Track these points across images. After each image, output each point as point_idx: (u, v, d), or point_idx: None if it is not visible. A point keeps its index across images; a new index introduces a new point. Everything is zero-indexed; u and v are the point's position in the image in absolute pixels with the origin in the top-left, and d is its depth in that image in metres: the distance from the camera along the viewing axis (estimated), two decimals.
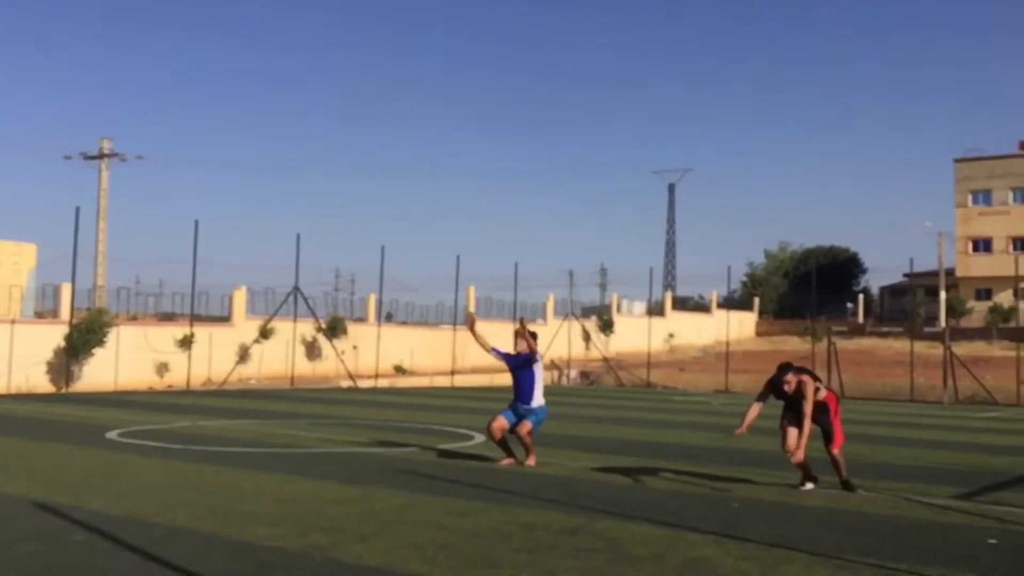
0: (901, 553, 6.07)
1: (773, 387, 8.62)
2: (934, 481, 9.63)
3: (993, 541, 6.55)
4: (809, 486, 8.69)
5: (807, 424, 8.32)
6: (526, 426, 9.93)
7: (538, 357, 10.09)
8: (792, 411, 8.62)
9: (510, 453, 10.11)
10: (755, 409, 8.73)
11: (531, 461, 10.03)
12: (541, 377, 10.09)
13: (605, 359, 41.22)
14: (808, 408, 8.31)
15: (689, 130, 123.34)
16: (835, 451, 8.58)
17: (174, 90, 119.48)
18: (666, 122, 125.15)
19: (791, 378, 8.47)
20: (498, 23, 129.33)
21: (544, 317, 45.54)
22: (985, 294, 57.71)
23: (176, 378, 29.09)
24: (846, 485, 8.60)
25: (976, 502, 8.34)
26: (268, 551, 5.75)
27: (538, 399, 10.02)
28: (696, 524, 6.83)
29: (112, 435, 12.72)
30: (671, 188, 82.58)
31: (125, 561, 5.45)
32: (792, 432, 8.54)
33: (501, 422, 9.99)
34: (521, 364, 10.08)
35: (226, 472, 9.17)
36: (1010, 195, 59.55)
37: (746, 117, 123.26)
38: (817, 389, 8.52)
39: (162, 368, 29.70)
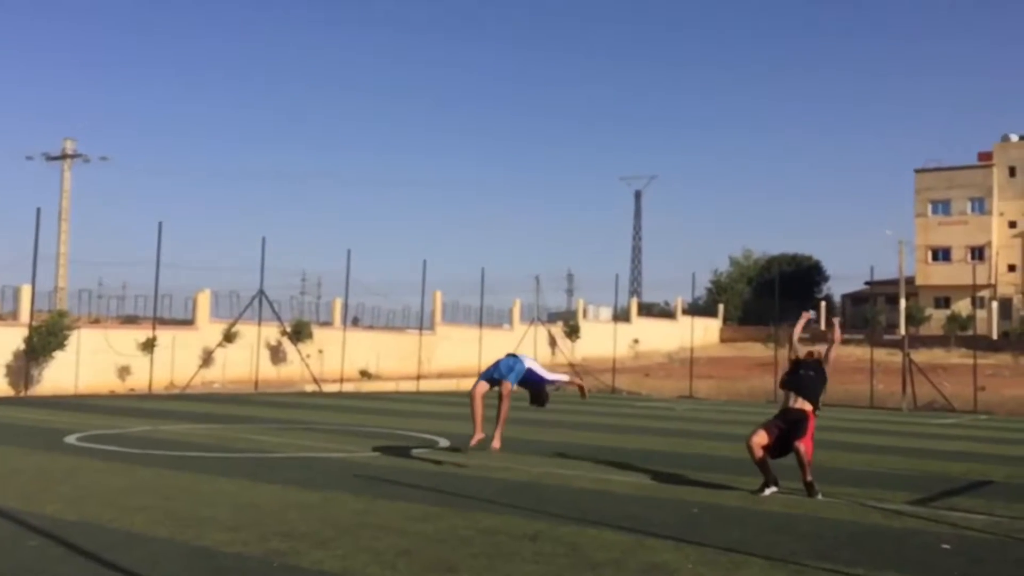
0: (857, 558, 6.16)
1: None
2: (890, 487, 9.77)
3: (947, 546, 6.66)
4: (769, 491, 8.79)
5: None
6: (506, 386, 10.27)
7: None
8: (782, 421, 8.95)
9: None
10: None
11: (496, 443, 10.26)
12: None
13: (571, 365, 41.32)
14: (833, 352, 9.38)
15: (655, 137, 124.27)
16: (801, 448, 8.68)
17: (139, 91, 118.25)
18: (633, 129, 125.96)
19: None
20: (464, 29, 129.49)
21: (511, 322, 45.60)
22: (944, 302, 58.67)
23: (138, 382, 28.73)
24: (809, 488, 8.69)
25: (931, 507, 8.47)
26: (226, 557, 5.71)
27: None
28: (656, 529, 6.88)
29: (71, 439, 12.55)
30: (637, 195, 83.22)
31: (79, 567, 5.39)
32: (762, 435, 8.73)
33: (483, 386, 10.43)
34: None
35: (185, 477, 9.09)
36: (968, 205, 60.64)
37: (711, 125, 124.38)
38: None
39: (124, 371, 29.31)
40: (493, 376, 10.46)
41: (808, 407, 9.01)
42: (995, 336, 51.94)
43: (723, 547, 6.30)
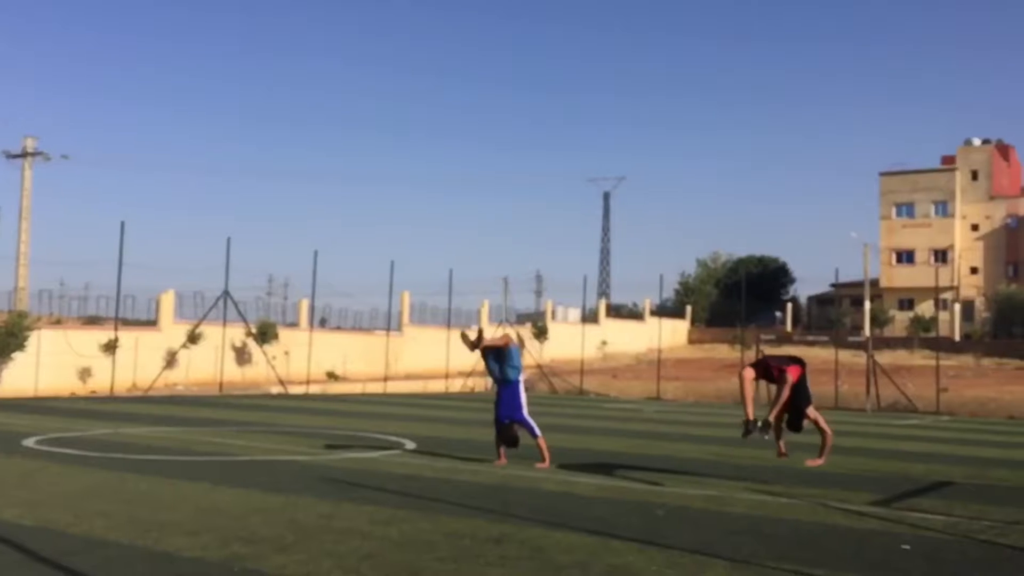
0: (819, 559, 6.21)
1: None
2: (853, 488, 9.86)
3: (907, 547, 6.73)
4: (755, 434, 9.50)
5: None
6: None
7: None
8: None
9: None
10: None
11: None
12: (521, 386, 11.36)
13: (539, 366, 41.35)
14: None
15: (624, 139, 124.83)
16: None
17: (101, 88, 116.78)
18: (601, 130, 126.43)
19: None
20: (433, 29, 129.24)
21: (479, 323, 45.51)
22: (907, 304, 59.45)
23: (100, 384, 28.34)
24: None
25: (892, 508, 8.56)
26: (187, 562, 5.63)
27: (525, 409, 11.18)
28: (621, 531, 6.89)
29: (29, 442, 12.34)
30: (606, 196, 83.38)
31: (37, 573, 5.30)
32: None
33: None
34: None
35: (146, 481, 8.96)
36: (932, 208, 61.50)
37: (679, 127, 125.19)
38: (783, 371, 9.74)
39: (85, 373, 28.91)
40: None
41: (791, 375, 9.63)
42: (957, 338, 52.72)
43: (688, 549, 6.32)
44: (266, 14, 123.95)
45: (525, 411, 10.98)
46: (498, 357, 11.17)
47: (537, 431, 10.96)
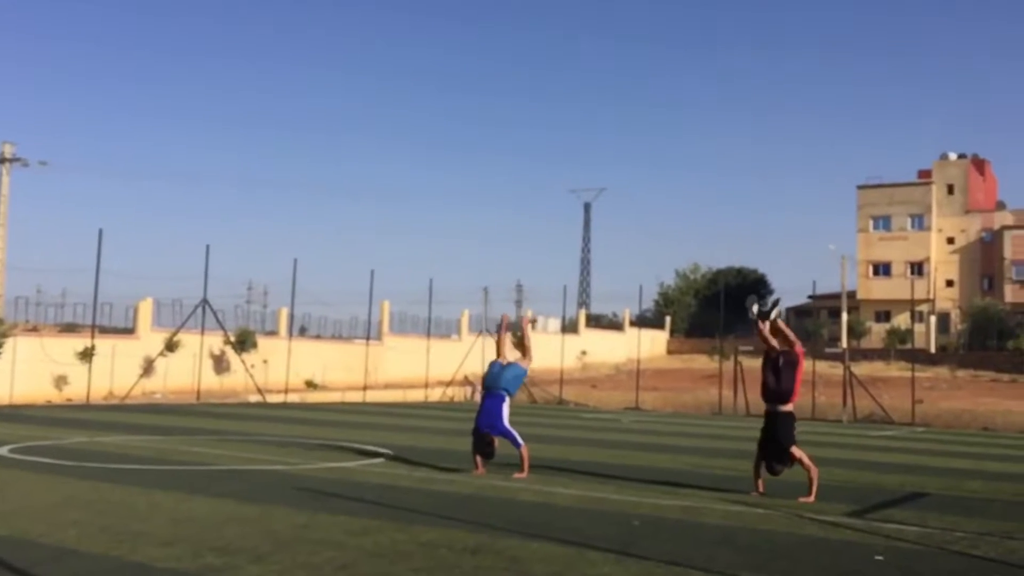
0: (792, 570, 6.25)
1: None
2: (829, 499, 9.91)
3: (880, 557, 6.78)
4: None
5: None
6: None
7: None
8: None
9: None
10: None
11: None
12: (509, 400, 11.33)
13: None
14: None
15: (605, 150, 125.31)
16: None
17: (81, 94, 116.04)
18: (582, 141, 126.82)
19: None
20: (412, 38, 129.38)
21: (459, 333, 45.51)
22: (884, 316, 59.90)
23: (76, 391, 28.08)
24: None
25: (866, 519, 8.62)
26: (159, 572, 5.60)
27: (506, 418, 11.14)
28: (598, 542, 6.90)
29: (3, 451, 12.22)
30: (587, 207, 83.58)
31: None
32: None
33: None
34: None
35: (121, 490, 8.89)
36: (908, 221, 62.06)
37: (660, 139, 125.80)
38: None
39: (61, 381, 28.65)
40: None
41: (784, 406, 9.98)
42: (933, 350, 53.13)
43: (663, 560, 6.33)
44: (246, 22, 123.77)
45: (506, 421, 10.98)
46: (508, 362, 11.37)
47: (519, 440, 10.97)
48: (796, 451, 9.72)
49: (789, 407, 9.91)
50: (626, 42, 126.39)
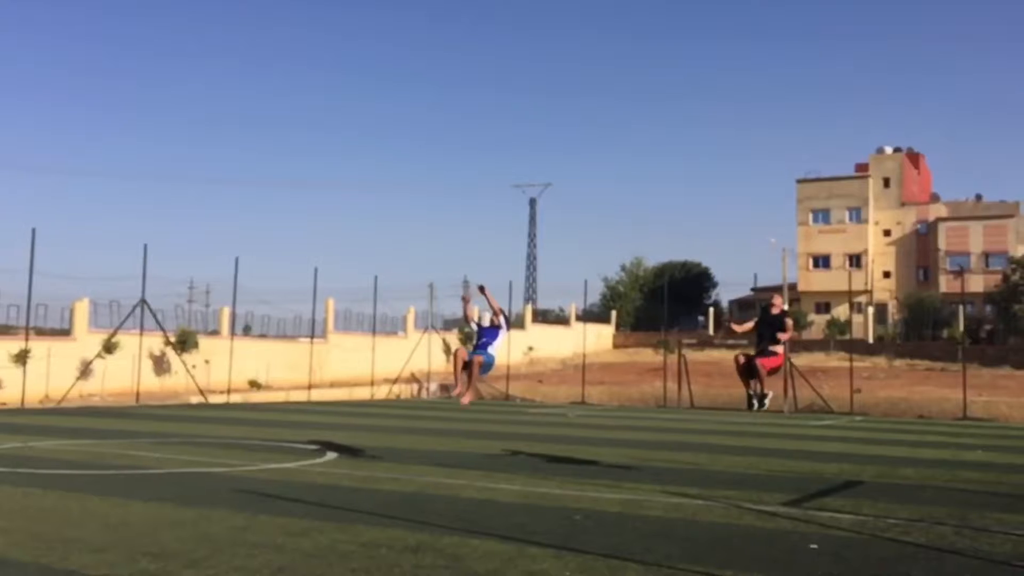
0: (729, 560, 6.34)
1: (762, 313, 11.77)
2: (767, 488, 10.09)
3: (814, 546, 6.91)
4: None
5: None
6: (478, 358, 11.60)
7: (504, 325, 12.19)
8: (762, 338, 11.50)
9: (467, 384, 11.60)
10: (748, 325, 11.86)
11: (466, 399, 11.52)
12: (503, 339, 12.10)
13: None
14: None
15: (549, 145, 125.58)
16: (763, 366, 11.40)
17: (11, 90, 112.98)
18: (527, 136, 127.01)
19: (778, 301, 12.02)
20: (353, 30, 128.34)
21: (405, 330, 45.31)
22: (824, 308, 61.02)
23: (10, 395, 27.35)
24: (760, 398, 11.63)
25: (803, 508, 8.79)
26: None
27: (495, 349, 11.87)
28: (538, 538, 6.93)
29: None
30: (532, 202, 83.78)
31: None
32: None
33: (463, 352, 11.88)
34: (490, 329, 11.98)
35: (53, 496, 8.69)
36: (846, 214, 63.34)
37: (604, 134, 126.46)
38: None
39: None
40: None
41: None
42: (871, 340, 54.33)
43: (602, 553, 6.39)
44: (180, 16, 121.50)
45: (494, 349, 11.81)
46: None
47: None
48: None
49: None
50: (568, 33, 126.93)
